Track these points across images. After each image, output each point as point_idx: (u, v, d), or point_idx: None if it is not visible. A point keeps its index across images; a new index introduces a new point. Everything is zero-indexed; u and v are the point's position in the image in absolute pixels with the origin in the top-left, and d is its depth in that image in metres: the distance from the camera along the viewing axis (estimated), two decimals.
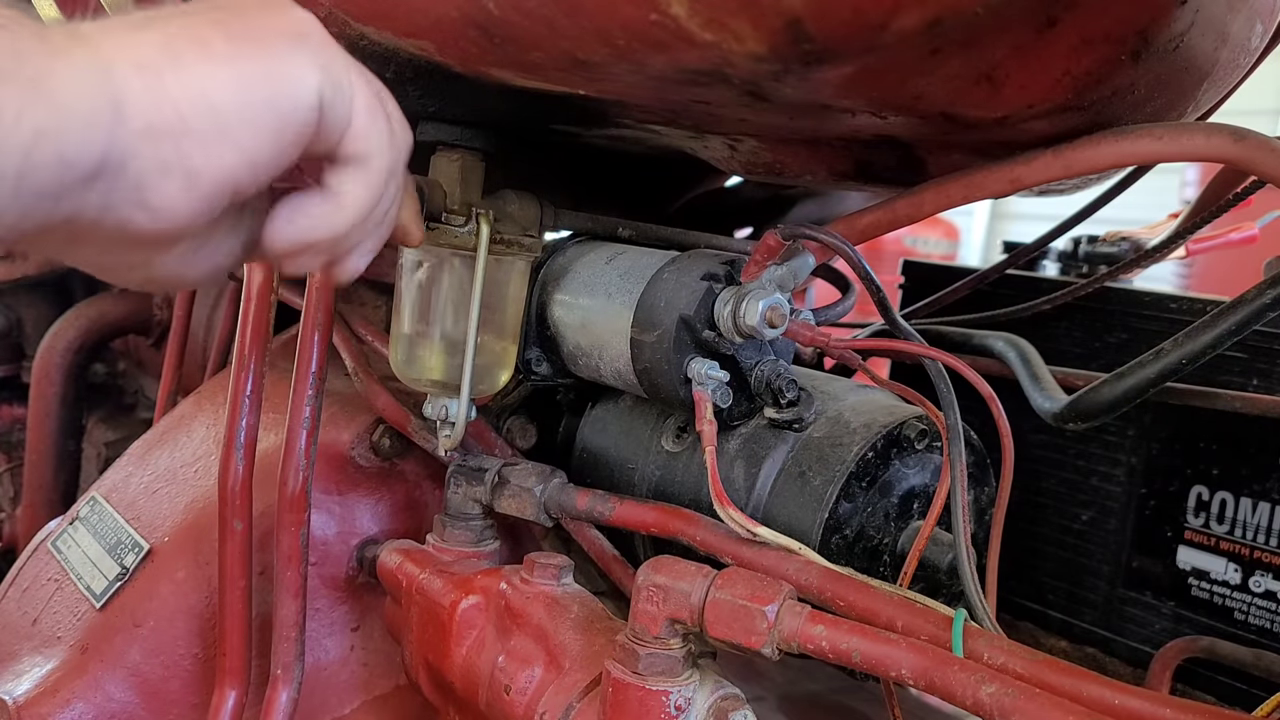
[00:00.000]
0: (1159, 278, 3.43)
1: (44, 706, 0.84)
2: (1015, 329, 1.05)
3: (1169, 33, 0.58)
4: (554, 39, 0.60)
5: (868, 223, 0.77)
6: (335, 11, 0.70)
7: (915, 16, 0.52)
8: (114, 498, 0.99)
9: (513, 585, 0.76)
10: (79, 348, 1.62)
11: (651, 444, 0.90)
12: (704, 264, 0.77)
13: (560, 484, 0.84)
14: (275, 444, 0.87)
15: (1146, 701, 0.52)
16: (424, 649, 0.81)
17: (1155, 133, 0.63)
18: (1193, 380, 0.93)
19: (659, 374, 0.77)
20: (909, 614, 0.62)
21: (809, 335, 0.76)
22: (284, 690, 0.84)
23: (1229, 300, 0.69)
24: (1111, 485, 1.02)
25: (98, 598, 0.90)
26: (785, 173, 0.90)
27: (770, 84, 0.60)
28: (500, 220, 0.81)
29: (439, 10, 0.63)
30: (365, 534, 0.96)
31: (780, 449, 0.81)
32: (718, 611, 0.60)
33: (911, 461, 0.80)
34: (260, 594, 0.86)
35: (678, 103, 0.71)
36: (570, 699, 0.67)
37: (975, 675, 0.53)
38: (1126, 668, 1.00)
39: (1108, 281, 1.06)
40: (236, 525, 0.84)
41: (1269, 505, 0.92)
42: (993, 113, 0.63)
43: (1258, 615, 0.92)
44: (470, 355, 0.79)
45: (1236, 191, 0.98)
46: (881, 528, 0.79)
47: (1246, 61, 0.70)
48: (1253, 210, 1.08)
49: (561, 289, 0.86)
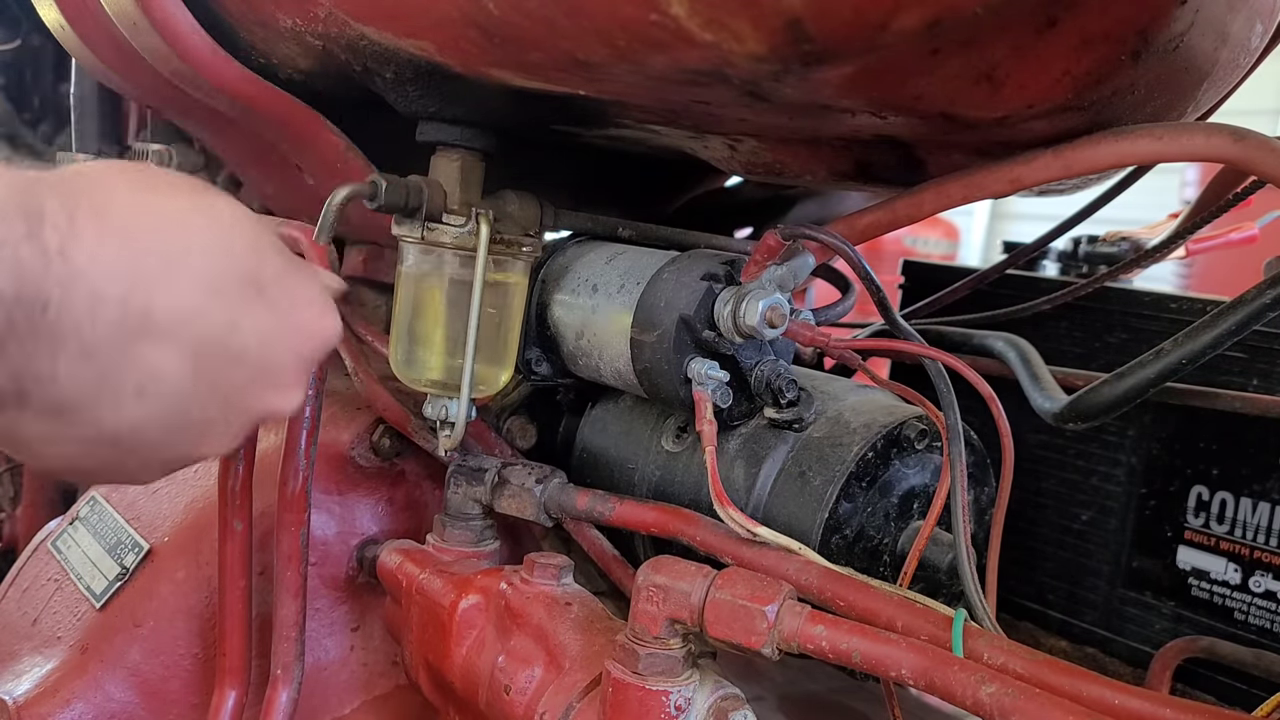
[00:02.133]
0: (1159, 278, 3.43)
1: (44, 706, 0.84)
2: (1015, 329, 1.05)
3: (1169, 33, 0.58)
4: (554, 39, 0.60)
5: (868, 223, 0.77)
6: (335, 11, 0.70)
7: (915, 16, 0.52)
8: (114, 497, 0.99)
9: (513, 585, 0.76)
10: None
11: (651, 444, 0.90)
12: (704, 264, 0.77)
13: (560, 484, 0.84)
14: (275, 444, 0.87)
15: (1146, 701, 0.52)
16: (424, 649, 0.81)
17: (1155, 133, 0.63)
18: (1193, 380, 0.93)
19: (659, 374, 0.77)
20: (909, 614, 0.62)
21: (809, 335, 0.76)
22: (284, 690, 0.84)
23: (1229, 300, 0.69)
24: (1111, 485, 1.02)
25: (98, 598, 0.90)
26: (785, 173, 0.90)
27: (770, 84, 0.60)
28: (500, 220, 0.81)
29: (439, 10, 0.63)
30: (365, 534, 0.96)
31: (780, 449, 0.81)
32: (718, 611, 0.60)
33: (911, 461, 0.80)
34: (260, 594, 0.86)
35: (678, 103, 0.71)
36: (570, 699, 0.67)
37: (975, 675, 0.53)
38: (1126, 668, 1.00)
39: (1108, 281, 1.06)
40: (236, 525, 0.83)
41: (1269, 505, 0.91)
42: (993, 113, 0.63)
43: (1258, 615, 0.92)
44: (470, 355, 0.78)
45: (1236, 191, 0.98)
46: (881, 528, 0.79)
47: (1246, 61, 0.70)
48: (1253, 210, 1.08)
49: (561, 289, 0.86)
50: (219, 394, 0.52)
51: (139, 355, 0.47)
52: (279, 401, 0.57)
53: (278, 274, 0.55)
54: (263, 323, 0.53)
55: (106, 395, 0.47)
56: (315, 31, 0.74)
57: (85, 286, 0.44)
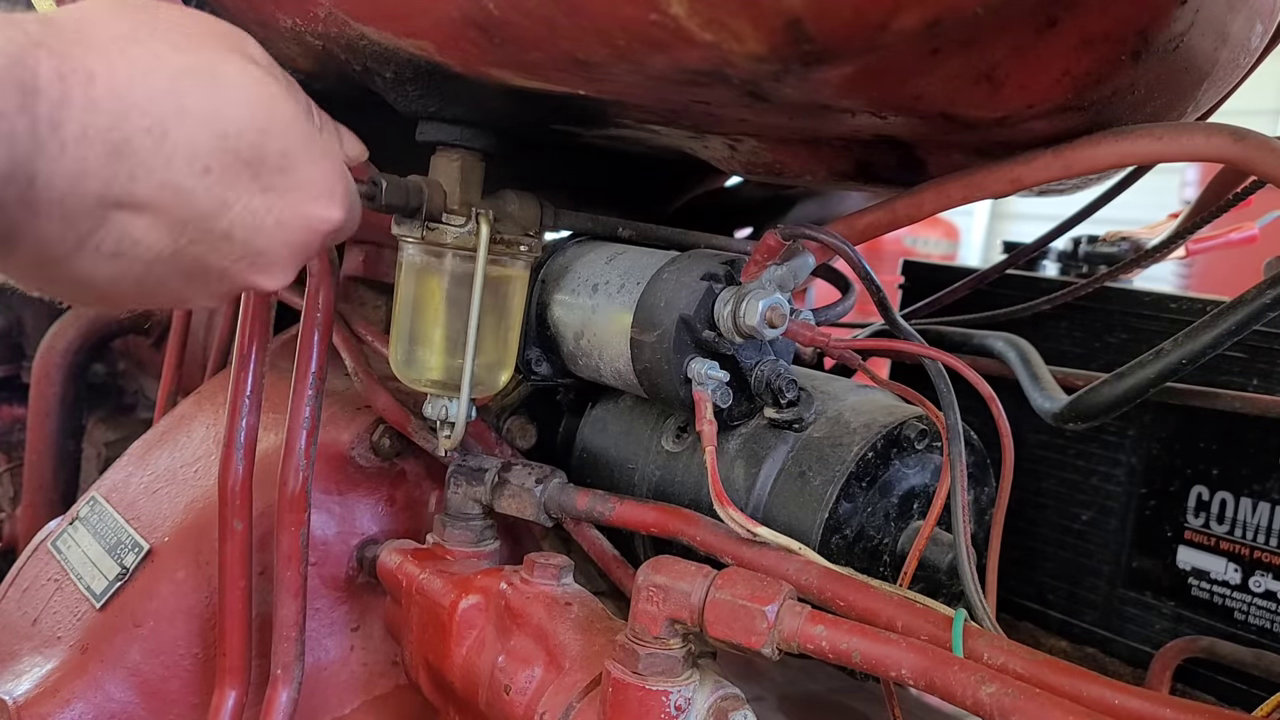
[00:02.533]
0: (1159, 278, 3.42)
1: (44, 706, 0.84)
2: (1015, 329, 1.05)
3: (1169, 33, 0.58)
4: (554, 39, 0.60)
5: (868, 223, 0.77)
6: (335, 11, 0.70)
7: (915, 16, 0.52)
8: (114, 498, 0.99)
9: (513, 585, 0.76)
10: (79, 348, 1.62)
11: (651, 444, 0.90)
12: (704, 264, 0.77)
13: (560, 484, 0.84)
14: (275, 444, 0.87)
15: (1146, 701, 0.52)
16: (424, 649, 0.81)
17: (1155, 133, 0.63)
18: (1193, 380, 0.93)
19: (659, 374, 0.77)
20: (909, 614, 0.62)
21: (809, 335, 0.76)
22: (284, 690, 0.84)
23: (1229, 300, 0.69)
24: (1111, 485, 1.02)
25: (98, 598, 0.90)
26: (785, 173, 0.90)
27: (770, 84, 0.60)
28: (500, 220, 0.81)
29: (439, 10, 0.63)
30: (365, 534, 0.96)
31: (780, 449, 0.81)
32: (718, 611, 0.60)
33: (911, 461, 0.80)
34: (260, 594, 0.86)
35: (678, 103, 0.71)
36: (570, 699, 0.67)
37: (975, 675, 0.53)
38: (1126, 668, 1.00)
39: (1108, 281, 1.06)
40: (236, 525, 0.84)
41: (1269, 505, 0.91)
42: (993, 113, 0.63)
43: (1258, 615, 0.92)
44: (470, 355, 0.78)
45: (1236, 191, 0.98)
46: (881, 528, 0.79)
47: (1246, 61, 0.70)
48: (1253, 210, 1.08)
49: (561, 289, 0.86)
50: (199, 267, 0.51)
51: (116, 222, 0.47)
52: (265, 282, 0.55)
53: (283, 153, 0.52)
54: (255, 207, 0.51)
55: (85, 253, 0.47)
56: (315, 31, 0.74)
57: (73, 162, 0.44)
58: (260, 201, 0.51)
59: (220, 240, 0.50)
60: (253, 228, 0.51)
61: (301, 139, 0.53)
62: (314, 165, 0.54)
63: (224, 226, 0.50)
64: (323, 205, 0.55)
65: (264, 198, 0.51)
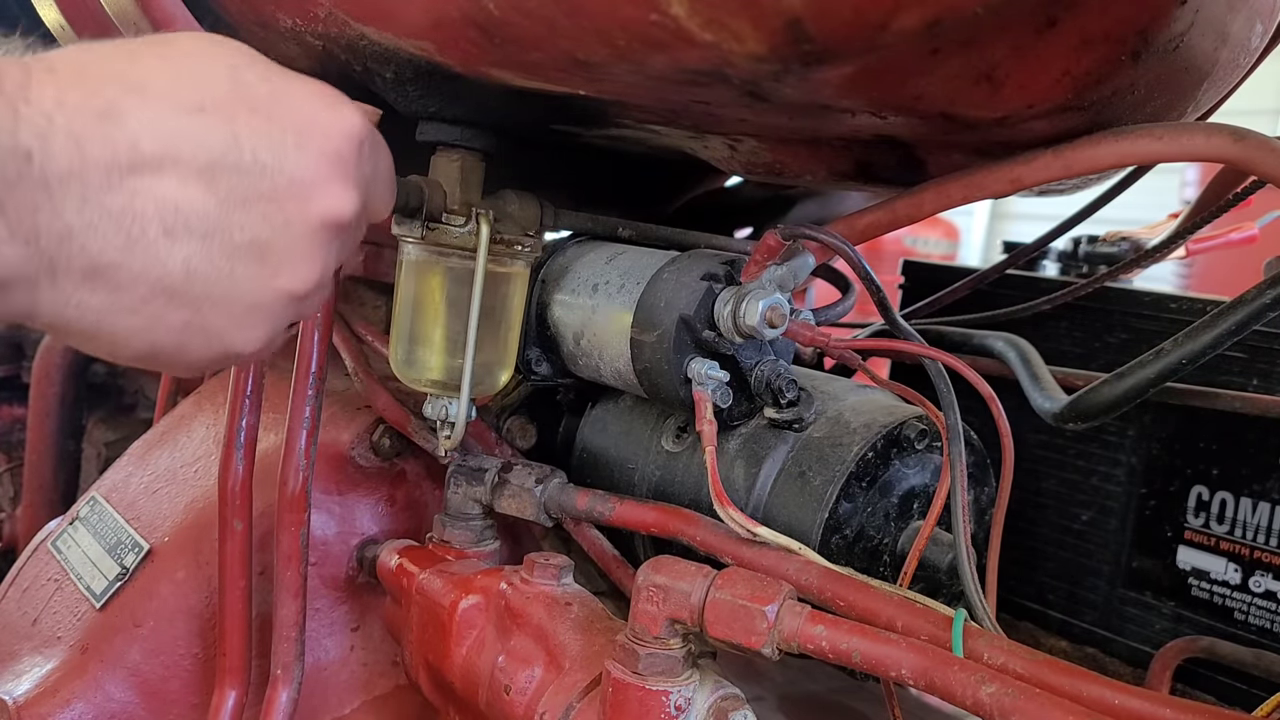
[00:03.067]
0: (1159, 278, 3.42)
1: (44, 706, 0.84)
2: (1015, 329, 1.05)
3: (1169, 33, 0.58)
4: (554, 39, 0.60)
5: (868, 223, 0.77)
6: (335, 11, 0.70)
7: (915, 16, 0.52)
8: (114, 498, 0.99)
9: (513, 585, 0.76)
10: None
11: (651, 444, 0.90)
12: (704, 264, 0.77)
13: (560, 484, 0.84)
14: (275, 444, 0.87)
15: (1146, 701, 0.52)
16: (424, 649, 0.81)
17: (1155, 133, 0.63)
18: (1193, 380, 0.93)
19: (659, 374, 0.77)
20: (909, 614, 0.62)
21: (809, 335, 0.76)
22: (284, 690, 0.84)
23: (1229, 300, 0.69)
24: (1111, 485, 1.02)
25: (98, 598, 0.90)
26: (785, 173, 0.90)
27: (770, 84, 0.60)
28: (500, 220, 0.81)
29: (439, 10, 0.63)
30: (365, 534, 0.96)
31: (780, 449, 0.81)
32: (718, 611, 0.60)
33: (911, 461, 0.80)
34: (260, 594, 0.86)
35: (678, 103, 0.71)
36: (570, 699, 0.67)
37: (975, 675, 0.53)
38: (1126, 668, 1.00)
39: (1108, 281, 1.06)
40: (236, 525, 0.84)
41: (1269, 505, 0.91)
42: (993, 113, 0.63)
43: (1258, 615, 0.92)
44: (470, 355, 0.78)
45: (1236, 191, 0.98)
46: (881, 528, 0.79)
47: (1246, 61, 0.70)
48: (1253, 210, 1.08)
49: (561, 289, 0.86)
50: (257, 213, 0.47)
51: (145, 190, 0.44)
52: (335, 205, 0.50)
53: (264, 79, 0.49)
54: (267, 129, 0.48)
55: (137, 245, 0.44)
56: (315, 32, 0.74)
57: (61, 128, 0.42)
58: (267, 126, 0.48)
59: (257, 175, 0.47)
60: (278, 151, 0.48)
61: (283, 75, 0.51)
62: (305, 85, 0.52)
63: (249, 160, 0.47)
64: (333, 111, 0.51)
65: (270, 123, 0.48)
